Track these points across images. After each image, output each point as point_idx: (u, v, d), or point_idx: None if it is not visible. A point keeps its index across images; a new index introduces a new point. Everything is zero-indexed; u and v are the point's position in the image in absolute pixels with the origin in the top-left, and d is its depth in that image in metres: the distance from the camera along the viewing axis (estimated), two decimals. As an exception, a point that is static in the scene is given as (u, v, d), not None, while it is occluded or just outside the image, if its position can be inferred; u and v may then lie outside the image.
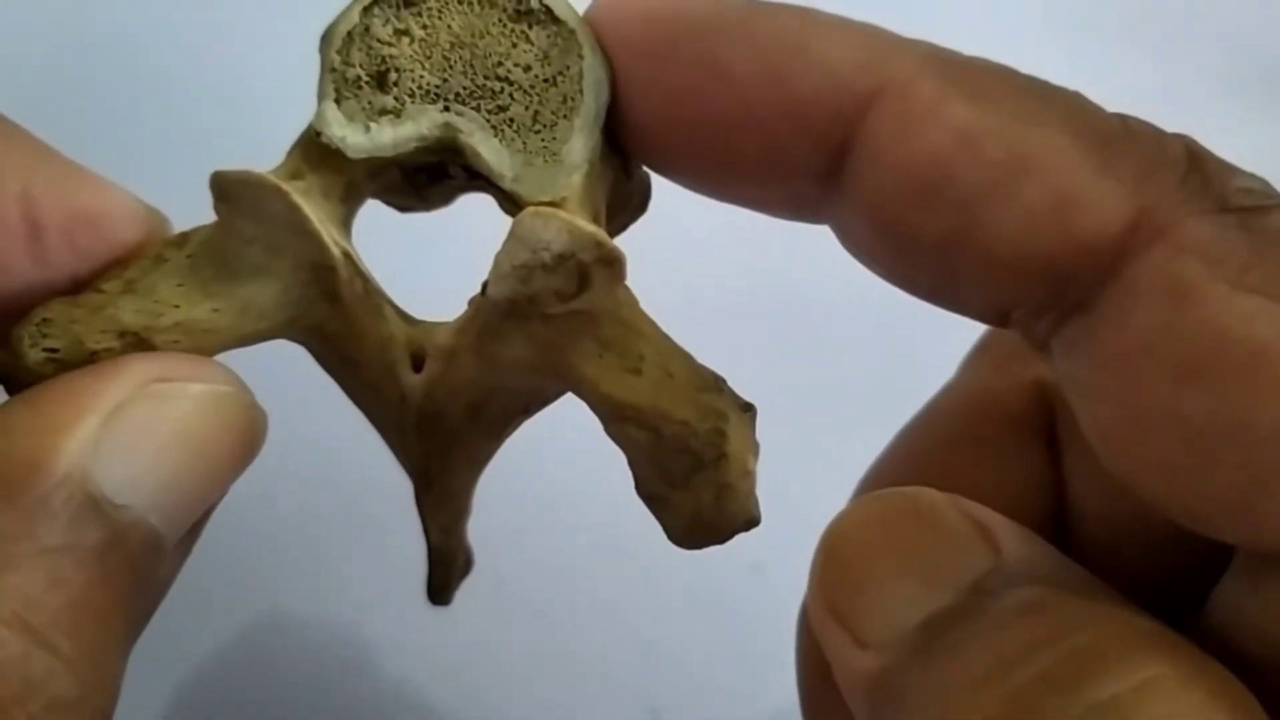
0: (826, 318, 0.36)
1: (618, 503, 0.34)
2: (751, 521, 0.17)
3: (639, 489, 0.17)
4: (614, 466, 0.18)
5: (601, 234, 0.16)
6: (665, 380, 0.16)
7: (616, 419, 0.17)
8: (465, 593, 0.32)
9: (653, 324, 0.17)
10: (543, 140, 0.17)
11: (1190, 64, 0.40)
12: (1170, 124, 0.16)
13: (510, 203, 0.17)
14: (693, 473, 0.16)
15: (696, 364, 0.17)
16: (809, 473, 0.35)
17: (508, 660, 0.32)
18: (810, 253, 0.37)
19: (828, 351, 0.36)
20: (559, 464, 0.34)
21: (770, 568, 0.34)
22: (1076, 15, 0.41)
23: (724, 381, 0.17)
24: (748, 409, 0.17)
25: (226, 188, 0.16)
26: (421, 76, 0.17)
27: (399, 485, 0.20)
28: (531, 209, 0.16)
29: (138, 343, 0.17)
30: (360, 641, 0.32)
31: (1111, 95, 0.16)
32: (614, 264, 0.16)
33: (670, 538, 0.17)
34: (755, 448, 0.16)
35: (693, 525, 0.17)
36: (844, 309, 0.37)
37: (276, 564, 0.32)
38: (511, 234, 0.16)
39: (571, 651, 0.32)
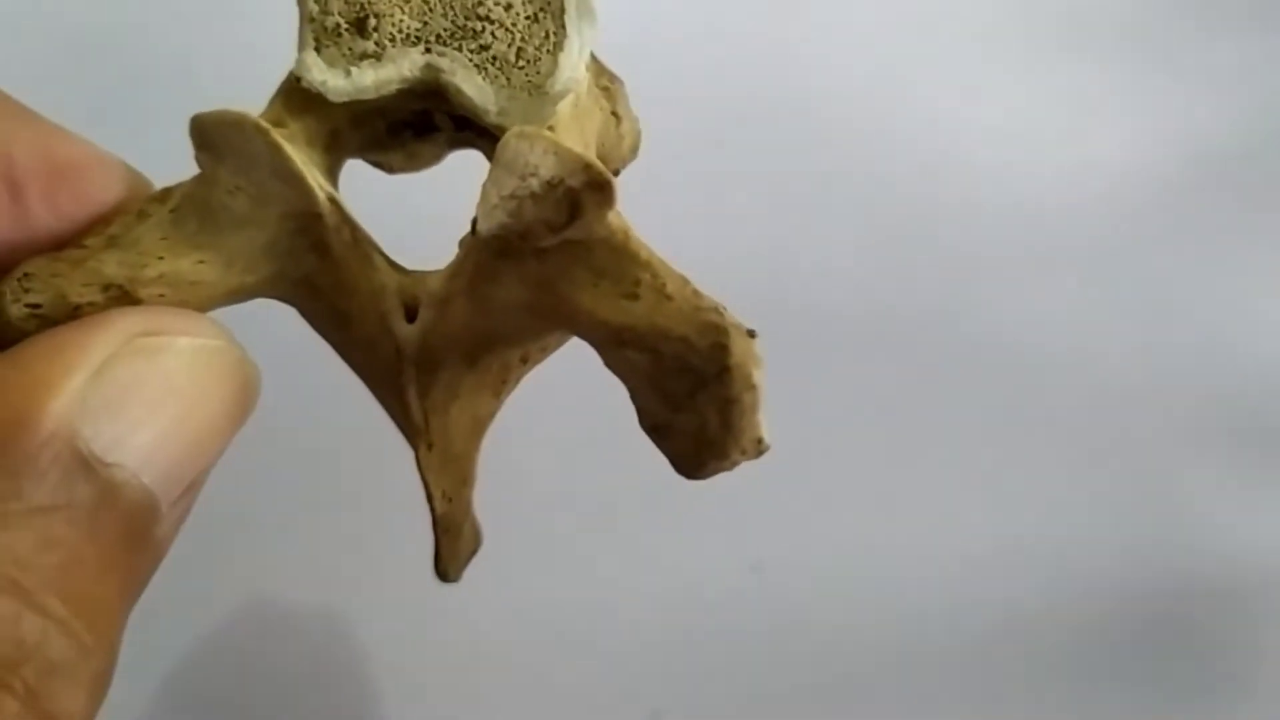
0: (825, 318, 0.36)
1: (619, 501, 0.34)
2: (760, 443, 0.16)
3: (642, 421, 0.17)
4: (617, 465, 0.18)
5: (589, 156, 0.16)
6: (662, 302, 0.16)
7: (614, 344, 0.16)
8: (464, 591, 0.32)
9: (647, 248, 0.17)
10: (526, 75, 0.17)
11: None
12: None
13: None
14: (695, 391, 0.16)
15: (694, 286, 0.16)
16: (808, 473, 0.35)
17: (508, 659, 0.32)
18: (810, 248, 0.38)
19: (828, 352, 0.36)
20: (560, 463, 0.34)
21: (770, 568, 0.34)
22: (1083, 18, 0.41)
23: (724, 307, 0.17)
24: (751, 334, 0.16)
25: (207, 131, 0.16)
26: (401, 20, 0.17)
27: (400, 460, 0.20)
28: (516, 130, 0.16)
29: (122, 296, 0.16)
30: (358, 636, 0.32)
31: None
32: (604, 189, 0.16)
33: (677, 468, 0.17)
34: (759, 362, 0.16)
35: (699, 446, 0.16)
36: (843, 308, 0.37)
37: (274, 544, 0.32)
38: (497, 159, 0.16)
39: (571, 651, 0.31)
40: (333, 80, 0.17)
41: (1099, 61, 0.40)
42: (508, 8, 0.17)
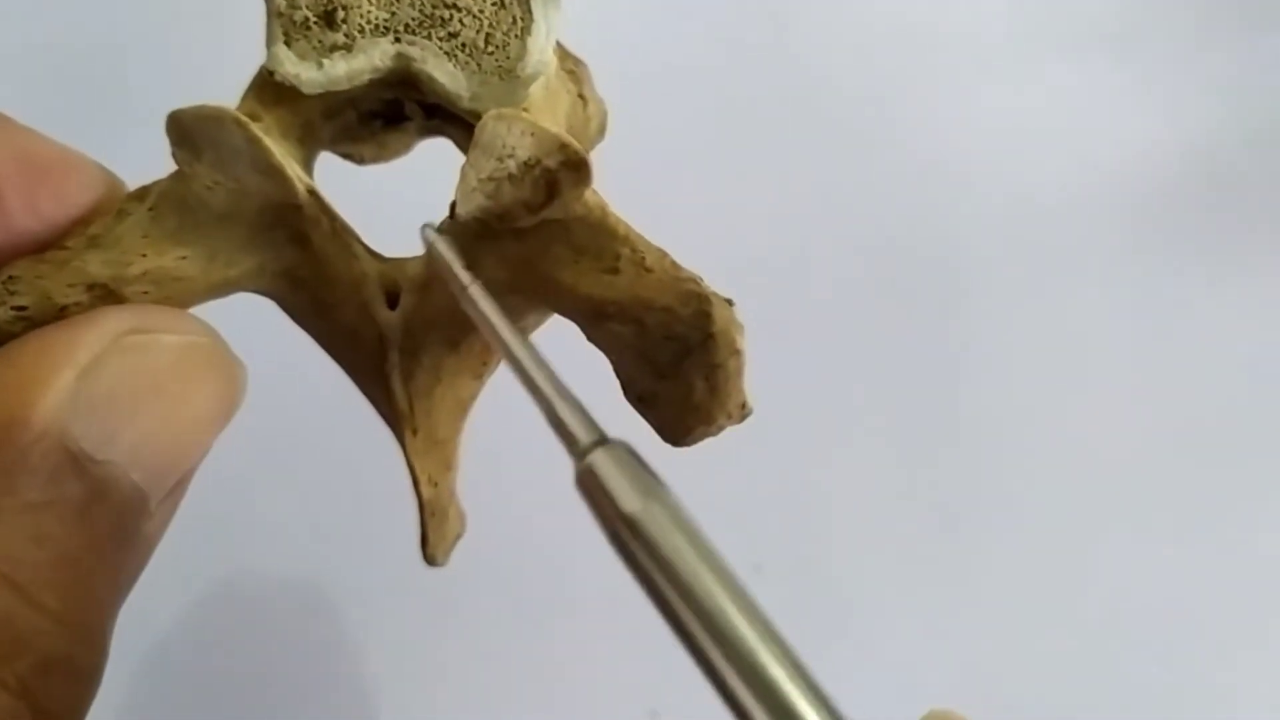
0: (825, 318, 0.37)
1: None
2: (744, 407, 0.16)
3: (628, 393, 0.17)
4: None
5: (565, 136, 0.16)
6: (643, 274, 0.16)
7: (598, 318, 0.17)
8: (466, 592, 0.31)
9: (625, 224, 0.17)
10: (496, 60, 0.17)
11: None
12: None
13: (469, 135, 0.17)
14: (681, 358, 0.16)
15: (672, 259, 0.17)
16: (808, 474, 0.35)
17: (508, 659, 0.32)
18: (809, 244, 0.38)
19: (827, 352, 0.36)
20: (559, 461, 0.33)
21: (770, 568, 0.34)
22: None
23: (701, 277, 0.17)
24: (728, 301, 0.17)
25: (185, 126, 0.16)
26: (369, 11, 0.17)
27: (384, 448, 0.20)
28: (494, 112, 0.16)
29: (107, 295, 0.16)
30: (355, 637, 0.32)
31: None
32: (580, 167, 0.16)
33: (664, 436, 0.17)
34: (741, 328, 0.16)
35: (685, 413, 0.16)
36: (844, 308, 0.37)
37: (261, 533, 0.32)
38: (475, 142, 0.16)
39: (571, 651, 0.31)
40: (306, 73, 0.17)
41: (1099, 62, 0.40)
42: None
